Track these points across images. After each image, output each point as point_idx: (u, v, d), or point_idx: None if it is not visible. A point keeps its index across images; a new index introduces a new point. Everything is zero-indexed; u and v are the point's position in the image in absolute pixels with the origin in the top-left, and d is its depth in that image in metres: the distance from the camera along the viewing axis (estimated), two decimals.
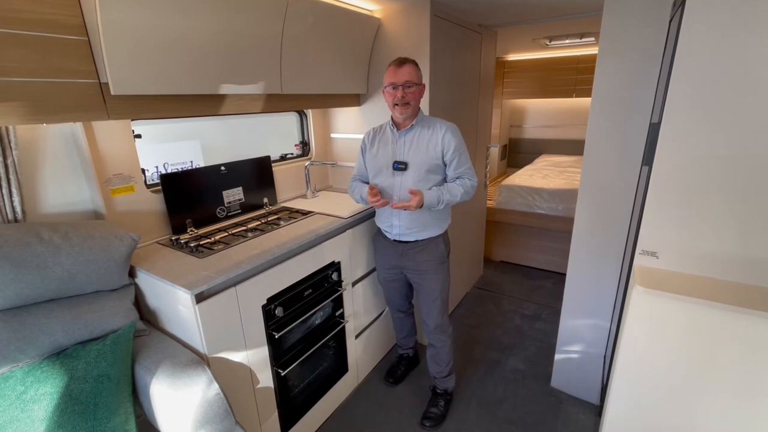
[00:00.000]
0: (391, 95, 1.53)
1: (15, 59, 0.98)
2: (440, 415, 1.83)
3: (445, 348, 1.81)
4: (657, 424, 1.18)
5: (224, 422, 1.10)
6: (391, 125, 1.63)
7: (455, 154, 1.55)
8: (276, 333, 1.44)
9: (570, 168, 3.81)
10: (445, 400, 1.88)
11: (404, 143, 1.60)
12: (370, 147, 1.69)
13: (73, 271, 1.15)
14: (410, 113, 1.55)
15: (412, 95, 1.52)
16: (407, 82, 1.49)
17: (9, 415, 0.97)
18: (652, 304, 1.09)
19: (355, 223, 1.81)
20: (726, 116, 0.99)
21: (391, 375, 2.08)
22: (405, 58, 1.52)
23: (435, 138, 1.55)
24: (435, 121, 1.60)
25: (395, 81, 1.50)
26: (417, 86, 1.53)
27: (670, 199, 1.10)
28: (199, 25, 1.29)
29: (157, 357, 1.17)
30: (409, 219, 1.63)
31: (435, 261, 1.68)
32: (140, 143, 1.53)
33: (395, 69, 1.50)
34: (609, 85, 1.51)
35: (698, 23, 0.97)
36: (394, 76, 1.50)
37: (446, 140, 1.54)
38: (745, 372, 1.01)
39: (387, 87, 1.54)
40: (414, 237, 1.66)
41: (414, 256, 1.69)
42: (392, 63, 1.53)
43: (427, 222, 1.64)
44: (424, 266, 1.69)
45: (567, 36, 2.99)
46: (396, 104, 1.52)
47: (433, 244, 1.67)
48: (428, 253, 1.67)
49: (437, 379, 1.88)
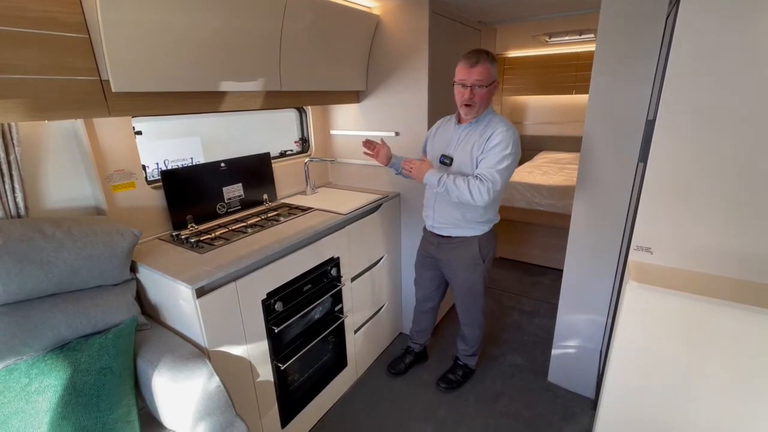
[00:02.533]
0: (459, 93, 1.47)
1: (17, 57, 1.00)
2: (456, 381, 1.96)
3: (473, 337, 1.93)
4: (650, 417, 1.20)
5: (225, 414, 1.12)
6: (456, 117, 1.61)
7: (491, 152, 1.44)
8: (276, 327, 1.46)
9: (569, 165, 3.82)
10: (464, 372, 2.01)
11: (458, 138, 1.57)
12: (433, 135, 1.70)
13: (76, 265, 1.17)
14: (474, 114, 1.51)
15: (481, 97, 1.45)
16: (478, 81, 1.41)
17: (14, 406, 0.99)
18: (646, 299, 1.10)
19: (354, 220, 1.83)
20: (720, 113, 1.00)
21: (393, 366, 2.09)
22: (479, 55, 1.41)
23: (484, 137, 1.48)
24: (495, 119, 1.51)
25: (465, 79, 1.43)
26: (488, 87, 1.43)
27: (664, 195, 1.11)
28: (199, 22, 1.30)
29: (158, 350, 1.19)
30: (443, 213, 1.64)
31: (467, 261, 1.67)
32: (140, 140, 1.54)
33: (468, 68, 1.41)
34: (606, 81, 1.52)
35: (693, 20, 0.97)
36: (466, 75, 1.42)
37: (493, 139, 1.45)
38: (738, 365, 1.03)
39: (456, 83, 1.46)
40: (448, 232, 1.66)
41: (448, 251, 1.70)
42: (465, 58, 1.41)
43: (459, 221, 1.62)
44: (456, 263, 1.70)
45: (566, 33, 2.99)
46: (463, 104, 1.47)
47: (467, 244, 1.66)
48: (462, 251, 1.67)
49: (460, 353, 2.00)
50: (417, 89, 1.96)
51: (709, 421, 1.10)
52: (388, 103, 2.10)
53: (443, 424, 1.79)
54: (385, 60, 2.04)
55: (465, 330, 1.93)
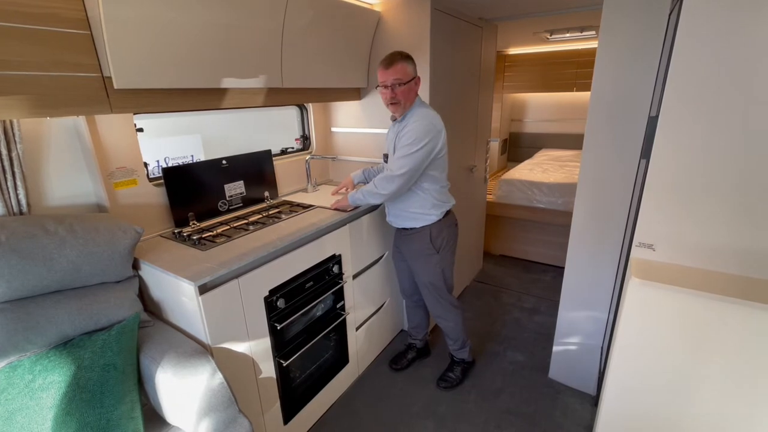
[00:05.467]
0: (383, 95, 1.59)
1: (18, 53, 0.99)
2: (455, 379, 1.99)
3: (450, 329, 1.94)
4: (652, 413, 1.20)
5: (228, 411, 1.12)
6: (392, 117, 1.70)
7: (398, 147, 1.56)
8: (278, 324, 1.46)
9: (570, 162, 3.82)
10: (461, 368, 2.03)
11: (392, 136, 1.69)
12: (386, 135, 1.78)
13: (78, 262, 1.17)
14: (402, 109, 1.60)
15: (402, 94, 1.55)
16: (396, 80, 1.52)
17: (18, 402, 1.00)
18: (647, 296, 1.11)
19: (355, 217, 1.83)
20: (723, 110, 0.99)
21: (396, 362, 2.12)
22: (393, 57, 1.53)
23: (401, 133, 1.58)
24: (411, 116, 1.59)
25: (384, 81, 1.55)
26: (407, 84, 1.54)
27: (666, 191, 1.11)
28: (200, 18, 1.30)
29: (161, 347, 1.19)
30: (392, 207, 1.76)
31: (422, 251, 1.76)
32: (141, 137, 1.53)
33: (383, 70, 1.54)
34: (609, 78, 1.51)
35: (696, 17, 0.97)
36: (383, 76, 1.54)
37: (402, 133, 1.56)
38: (738, 361, 1.03)
39: (380, 86, 1.58)
40: (401, 224, 1.77)
41: (406, 243, 1.80)
42: (381, 63, 1.55)
43: (405, 212, 1.72)
44: (413, 255, 1.80)
45: (568, 30, 2.97)
46: (389, 103, 1.58)
47: (419, 235, 1.74)
48: (416, 242, 1.75)
49: (450, 347, 2.04)
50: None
51: (709, 417, 1.10)
52: None
53: (444, 421, 1.80)
54: None
55: (440, 324, 1.95)
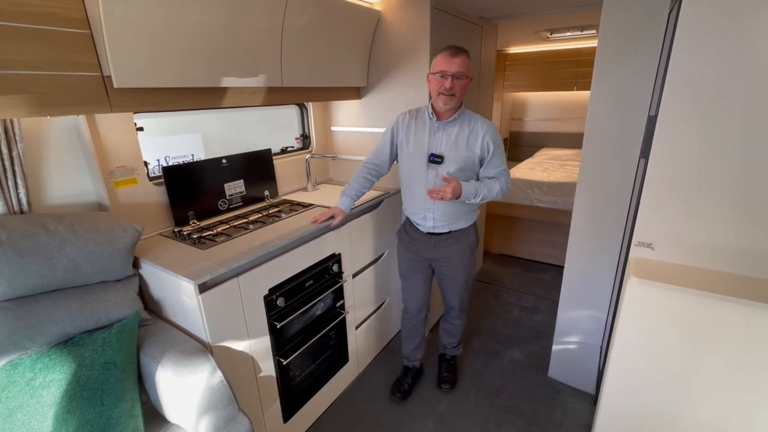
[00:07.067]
0: (438, 83, 1.45)
1: (18, 52, 1.00)
2: (453, 377, 1.99)
3: (459, 328, 1.95)
4: (651, 412, 1.20)
5: (228, 409, 1.12)
6: (430, 113, 1.55)
7: (495, 154, 1.54)
8: (278, 323, 1.46)
9: (570, 161, 3.82)
10: (453, 365, 2.05)
11: (443, 136, 1.54)
12: (404, 130, 1.62)
13: (79, 261, 1.17)
14: (454, 105, 1.49)
15: (461, 87, 1.46)
16: (458, 72, 1.42)
17: (19, 400, 1.00)
18: (646, 295, 1.11)
19: (355, 216, 1.83)
20: (722, 110, 1.00)
21: (398, 390, 1.93)
22: (460, 48, 1.43)
23: (475, 135, 1.52)
24: (475, 117, 1.55)
25: (446, 70, 1.42)
26: (467, 79, 1.47)
27: (665, 191, 1.11)
28: (200, 18, 1.30)
29: (161, 345, 1.19)
30: (443, 211, 1.61)
31: (467, 251, 1.71)
32: (141, 136, 1.54)
33: (449, 57, 1.42)
34: (608, 78, 1.51)
35: (695, 16, 0.97)
36: (447, 65, 1.42)
37: (488, 140, 1.52)
38: (737, 360, 1.03)
39: (435, 74, 1.45)
40: (447, 228, 1.66)
41: (447, 247, 1.68)
42: (445, 49, 1.43)
43: (460, 214, 1.64)
44: (456, 257, 1.70)
45: (568, 29, 2.97)
46: (441, 93, 1.45)
47: (465, 235, 1.68)
48: (461, 243, 1.68)
49: (447, 348, 2.01)
50: (418, 85, 1.96)
51: (708, 416, 1.11)
52: (389, 99, 2.10)
53: (443, 420, 1.81)
54: (387, 56, 2.04)
55: (455, 322, 1.91)
